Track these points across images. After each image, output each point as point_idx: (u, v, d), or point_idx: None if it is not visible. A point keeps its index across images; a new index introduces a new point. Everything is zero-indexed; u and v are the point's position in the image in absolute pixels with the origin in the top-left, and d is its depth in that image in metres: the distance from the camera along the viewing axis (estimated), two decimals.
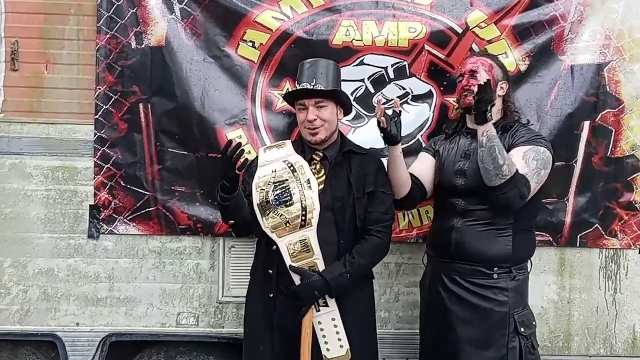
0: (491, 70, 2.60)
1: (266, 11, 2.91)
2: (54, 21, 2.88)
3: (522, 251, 2.57)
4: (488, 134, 2.40)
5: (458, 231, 2.57)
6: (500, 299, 2.51)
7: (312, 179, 2.46)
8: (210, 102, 2.91)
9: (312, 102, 2.47)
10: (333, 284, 2.39)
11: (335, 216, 2.47)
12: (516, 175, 2.37)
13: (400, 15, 2.95)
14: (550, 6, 2.99)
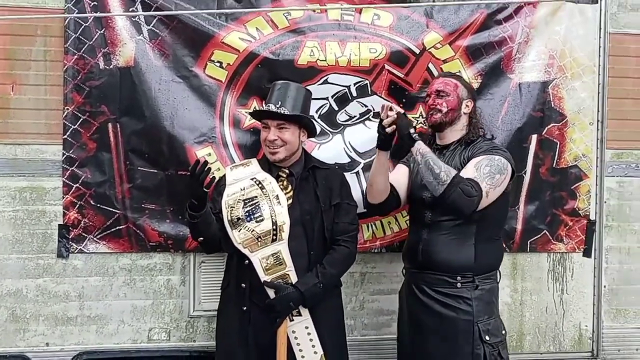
0: (456, 89, 2.74)
1: (233, 32, 2.99)
2: (20, 42, 2.87)
3: (485, 260, 2.67)
4: (420, 151, 2.55)
5: (425, 242, 2.69)
6: (464, 307, 2.61)
7: (281, 195, 2.56)
8: (179, 120, 2.97)
9: (274, 123, 2.58)
10: (307, 294, 2.49)
11: (305, 229, 2.58)
12: (455, 177, 2.49)
13: (361, 36, 3.09)
14: (499, 28, 3.19)
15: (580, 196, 3.32)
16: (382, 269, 3.21)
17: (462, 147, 2.73)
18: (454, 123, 2.74)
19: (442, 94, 2.73)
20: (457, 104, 2.73)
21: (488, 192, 2.54)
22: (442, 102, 2.71)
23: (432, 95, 2.76)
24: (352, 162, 3.12)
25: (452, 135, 2.76)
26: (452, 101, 2.72)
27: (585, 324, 3.41)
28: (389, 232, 3.19)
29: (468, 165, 2.62)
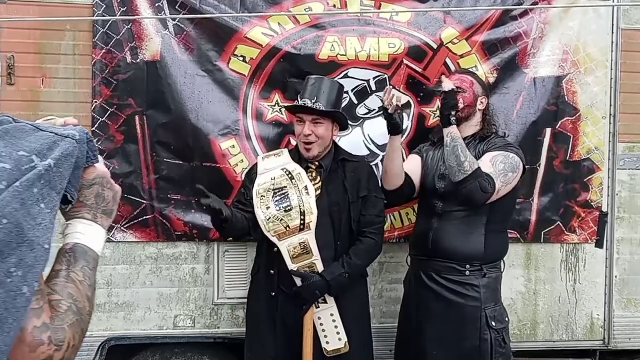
0: (472, 86, 2.82)
1: (256, 27, 3.08)
2: (50, 37, 2.95)
3: (493, 250, 2.78)
4: (452, 135, 2.64)
5: (436, 231, 2.78)
6: (472, 294, 2.72)
7: (310, 186, 2.65)
8: (203, 113, 3.06)
9: (309, 118, 2.66)
10: (333, 283, 2.59)
11: (333, 219, 2.67)
12: (477, 170, 2.58)
13: (380, 31, 3.17)
14: (515, 24, 3.27)
15: (592, 188, 3.40)
16: (400, 258, 3.29)
17: (476, 141, 2.82)
18: (470, 119, 2.83)
19: (458, 90, 2.79)
20: (473, 100, 2.81)
21: (500, 189, 2.65)
22: (459, 98, 2.78)
23: None
24: (372, 155, 3.21)
25: (467, 130, 2.84)
26: (469, 97, 2.80)
27: (597, 313, 3.49)
28: (407, 223, 3.27)
29: (484, 158, 2.70)
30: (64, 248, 1.03)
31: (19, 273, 0.85)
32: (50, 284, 0.97)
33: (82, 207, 1.06)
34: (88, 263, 1.03)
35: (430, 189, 2.85)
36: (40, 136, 0.94)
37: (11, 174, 0.86)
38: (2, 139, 0.90)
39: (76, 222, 1.06)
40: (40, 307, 0.90)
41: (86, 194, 1.07)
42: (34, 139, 0.93)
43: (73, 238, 1.04)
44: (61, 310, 0.94)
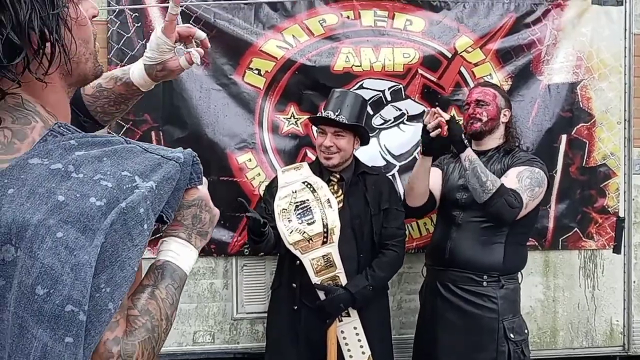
0: (495, 99, 2.79)
1: (270, 40, 3.08)
2: None
3: (512, 262, 2.74)
4: (469, 158, 2.62)
5: (453, 240, 2.75)
6: (490, 305, 2.68)
7: (332, 198, 2.64)
8: (219, 127, 3.06)
9: (331, 129, 2.65)
10: (358, 296, 2.57)
11: (355, 232, 2.66)
12: (501, 187, 2.56)
13: (394, 42, 3.17)
14: (528, 31, 3.28)
15: (609, 194, 3.40)
16: (418, 269, 3.25)
17: (500, 154, 2.80)
18: (493, 132, 2.80)
19: (481, 103, 2.78)
20: (496, 113, 2.79)
21: (527, 203, 2.63)
22: (482, 111, 2.77)
23: (472, 104, 2.81)
24: (388, 165, 3.21)
25: (490, 142, 2.83)
26: (492, 110, 2.78)
27: (616, 319, 3.49)
28: (425, 233, 3.26)
29: (509, 173, 2.68)
30: (154, 264, 1.06)
31: (107, 289, 0.88)
32: (133, 298, 0.99)
33: (178, 226, 1.09)
34: (174, 281, 1.05)
35: (451, 200, 2.84)
36: (146, 157, 0.97)
37: (112, 192, 0.89)
38: (110, 158, 0.93)
39: (171, 240, 1.09)
40: (117, 320, 0.92)
41: (184, 214, 1.09)
42: (139, 160, 0.96)
43: (165, 255, 1.07)
44: (136, 326, 0.96)
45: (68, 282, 0.83)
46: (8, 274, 0.85)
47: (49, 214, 0.85)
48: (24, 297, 0.83)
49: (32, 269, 0.83)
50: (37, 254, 0.83)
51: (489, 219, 2.68)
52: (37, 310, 0.83)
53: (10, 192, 0.86)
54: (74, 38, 0.98)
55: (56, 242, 0.84)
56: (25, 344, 0.83)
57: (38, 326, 0.83)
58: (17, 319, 0.84)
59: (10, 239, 0.85)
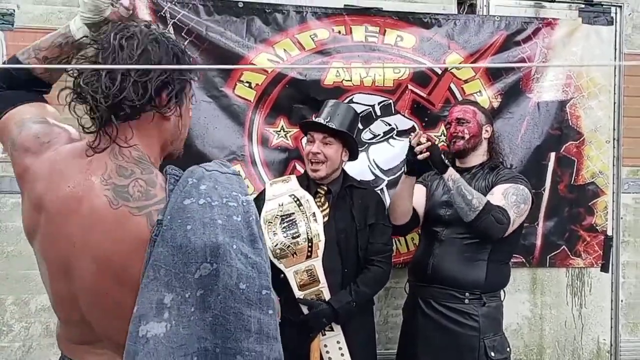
0: (475, 116, 2.81)
1: (261, 53, 3.09)
2: None
3: (494, 280, 2.72)
4: (452, 178, 2.61)
5: (436, 256, 2.74)
6: (470, 323, 2.66)
7: (317, 212, 2.62)
8: (209, 139, 3.06)
9: (320, 136, 2.64)
10: (341, 311, 2.56)
11: (340, 247, 2.64)
12: (487, 205, 2.56)
13: (384, 57, 3.18)
14: (518, 49, 3.30)
15: (597, 212, 3.42)
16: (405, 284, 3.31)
17: (484, 171, 2.80)
18: (476, 149, 2.81)
19: (462, 121, 2.79)
20: (477, 130, 2.80)
21: (514, 220, 2.62)
22: (464, 129, 2.78)
23: (453, 123, 2.82)
24: (376, 180, 3.21)
25: (473, 159, 2.83)
26: (473, 127, 2.79)
27: (604, 338, 3.49)
28: (412, 248, 3.25)
29: (494, 191, 2.68)
30: None
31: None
32: None
33: None
34: None
35: (434, 216, 2.83)
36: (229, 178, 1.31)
37: (238, 209, 1.24)
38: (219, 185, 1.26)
39: None
40: None
41: None
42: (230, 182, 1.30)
43: None
44: None
45: (255, 276, 1.20)
46: (205, 285, 1.18)
47: (223, 234, 1.19)
48: (232, 294, 1.19)
49: (232, 273, 1.19)
50: (231, 262, 1.19)
51: (476, 236, 2.67)
52: (245, 299, 1.19)
53: (189, 228, 1.18)
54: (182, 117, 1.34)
55: (236, 252, 1.20)
56: (243, 322, 1.19)
57: (249, 308, 1.19)
58: (231, 309, 1.19)
59: (206, 259, 1.18)
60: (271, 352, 1.22)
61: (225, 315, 1.19)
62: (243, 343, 1.19)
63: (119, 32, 1.23)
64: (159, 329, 1.16)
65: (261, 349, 1.21)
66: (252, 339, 1.20)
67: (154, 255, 1.17)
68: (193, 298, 1.18)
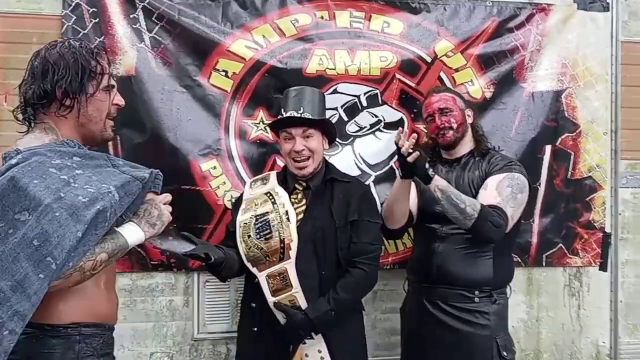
0: (455, 103, 2.63)
1: (239, 40, 2.87)
2: (14, 50, 2.70)
3: (502, 275, 2.58)
4: (439, 187, 2.41)
5: (439, 255, 2.56)
6: (482, 322, 2.50)
7: (290, 210, 2.39)
8: (182, 132, 2.82)
9: (299, 131, 2.40)
10: (317, 321, 2.31)
11: (316, 247, 2.39)
12: (482, 210, 2.38)
13: (370, 44, 2.98)
14: (511, 36, 3.11)
15: (595, 208, 3.22)
16: (394, 286, 3.05)
17: (475, 159, 2.62)
18: (464, 136, 2.65)
19: (445, 111, 2.61)
20: (462, 117, 2.62)
21: (513, 215, 2.45)
22: (449, 118, 2.59)
23: (436, 114, 2.62)
24: (363, 175, 2.98)
25: (463, 148, 2.65)
26: (457, 115, 2.61)
27: (603, 340, 3.30)
28: (401, 248, 3.04)
29: (488, 185, 2.50)
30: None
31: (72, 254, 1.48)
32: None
33: (135, 216, 1.64)
34: (113, 240, 1.57)
35: (429, 213, 2.63)
36: (122, 177, 1.59)
37: (93, 194, 1.49)
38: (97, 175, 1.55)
39: (126, 223, 1.62)
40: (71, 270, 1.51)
41: (140, 208, 1.65)
42: (116, 178, 1.57)
43: (120, 228, 1.60)
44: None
45: (53, 243, 1.41)
46: (16, 227, 1.41)
47: (54, 201, 1.43)
48: (23, 243, 1.40)
49: (35, 229, 1.41)
50: (41, 221, 1.41)
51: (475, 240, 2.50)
52: (30, 253, 1.40)
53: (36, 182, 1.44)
54: (86, 104, 1.65)
55: (53, 217, 1.42)
56: (14, 269, 1.39)
57: (27, 262, 1.39)
58: (14, 253, 1.40)
59: (28, 208, 1.42)
60: (18, 305, 1.38)
61: (8, 256, 1.39)
62: (1, 282, 1.38)
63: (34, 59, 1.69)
64: None
65: (10, 295, 1.38)
66: (10, 283, 1.38)
67: None
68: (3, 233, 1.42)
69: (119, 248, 1.57)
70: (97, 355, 1.63)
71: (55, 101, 1.62)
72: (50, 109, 1.64)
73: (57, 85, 1.61)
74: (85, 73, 1.64)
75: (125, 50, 2.82)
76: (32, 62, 1.66)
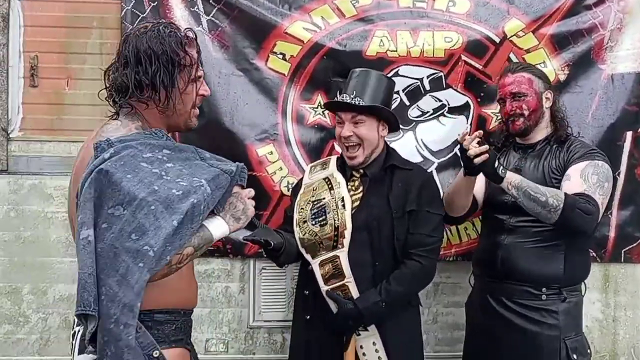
0: (531, 85, 2.43)
1: (297, 22, 2.80)
2: (75, 34, 2.74)
3: (574, 271, 2.40)
4: (513, 184, 2.25)
5: (505, 248, 2.41)
6: (550, 321, 2.34)
7: (347, 197, 2.30)
8: (239, 116, 2.79)
9: (348, 116, 2.31)
10: (366, 312, 2.22)
11: (371, 236, 2.30)
12: (567, 199, 2.21)
13: (434, 24, 2.84)
14: (589, 14, 2.89)
15: None
16: (457, 279, 2.92)
17: (552, 146, 2.43)
18: (539, 123, 2.46)
19: (518, 95, 2.42)
20: (537, 103, 2.43)
21: (602, 203, 2.27)
22: (521, 104, 2.41)
23: (507, 98, 2.44)
24: (425, 162, 2.85)
25: (537, 135, 2.47)
26: (532, 101, 2.42)
27: None
28: (465, 239, 2.90)
29: (570, 174, 2.32)
30: None
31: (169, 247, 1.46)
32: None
33: (222, 209, 1.58)
34: (199, 234, 1.52)
35: (496, 203, 2.46)
36: (210, 170, 1.55)
37: (186, 187, 1.48)
38: (188, 169, 1.53)
39: (213, 216, 1.56)
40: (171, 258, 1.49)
41: (227, 201, 1.59)
42: (205, 171, 1.54)
43: (206, 221, 1.54)
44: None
45: (150, 235, 1.41)
46: (111, 222, 1.41)
47: (149, 194, 1.43)
48: (122, 237, 1.40)
49: (132, 223, 1.41)
50: (137, 215, 1.41)
51: (564, 234, 2.32)
52: (128, 247, 1.40)
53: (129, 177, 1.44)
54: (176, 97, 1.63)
55: (149, 211, 1.42)
56: (116, 264, 1.40)
57: (126, 255, 1.40)
58: (114, 249, 1.40)
59: (122, 203, 1.42)
60: (124, 297, 1.39)
61: (108, 252, 1.41)
62: (108, 279, 1.39)
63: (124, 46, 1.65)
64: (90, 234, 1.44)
65: (117, 290, 1.39)
66: (116, 279, 1.39)
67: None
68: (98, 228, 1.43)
69: (205, 242, 1.55)
70: (168, 342, 1.62)
71: (145, 91, 1.60)
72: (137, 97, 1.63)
73: (150, 78, 1.59)
74: (175, 66, 1.61)
75: None
76: (122, 48, 1.64)
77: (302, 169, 2.79)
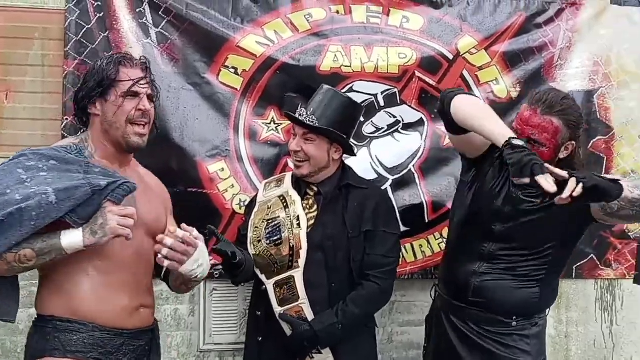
0: (555, 136, 2.07)
1: (249, 35, 2.72)
2: (15, 45, 2.59)
3: (547, 298, 2.29)
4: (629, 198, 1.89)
5: (480, 276, 2.22)
6: (522, 347, 2.19)
7: (302, 216, 2.24)
8: (189, 132, 2.68)
9: (300, 131, 2.25)
10: (321, 334, 2.15)
11: (326, 256, 2.23)
12: None
13: (389, 40, 2.82)
14: (539, 32, 2.93)
15: None
16: (412, 297, 2.89)
17: None
18: None
19: (535, 142, 2.07)
20: (552, 155, 2.11)
21: None
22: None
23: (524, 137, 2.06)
24: (380, 179, 2.82)
25: None
26: (546, 153, 2.08)
27: (637, 359, 3.14)
28: (420, 257, 2.86)
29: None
30: None
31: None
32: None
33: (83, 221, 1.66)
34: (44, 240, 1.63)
35: (483, 227, 2.24)
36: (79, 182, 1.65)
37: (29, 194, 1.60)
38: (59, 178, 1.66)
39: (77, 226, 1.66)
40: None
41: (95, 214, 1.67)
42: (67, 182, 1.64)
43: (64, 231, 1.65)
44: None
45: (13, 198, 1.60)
46: None
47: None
48: None
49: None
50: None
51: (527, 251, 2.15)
52: None
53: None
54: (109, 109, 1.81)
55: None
56: None
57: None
58: None
59: None
60: None
61: None
62: None
63: None
64: None
65: None
66: None
67: None
68: None
69: (51, 247, 1.62)
70: (62, 351, 1.67)
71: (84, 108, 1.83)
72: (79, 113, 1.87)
73: (80, 94, 1.84)
74: (105, 80, 1.78)
75: (131, 46, 2.68)
76: None
77: (255, 186, 2.72)
